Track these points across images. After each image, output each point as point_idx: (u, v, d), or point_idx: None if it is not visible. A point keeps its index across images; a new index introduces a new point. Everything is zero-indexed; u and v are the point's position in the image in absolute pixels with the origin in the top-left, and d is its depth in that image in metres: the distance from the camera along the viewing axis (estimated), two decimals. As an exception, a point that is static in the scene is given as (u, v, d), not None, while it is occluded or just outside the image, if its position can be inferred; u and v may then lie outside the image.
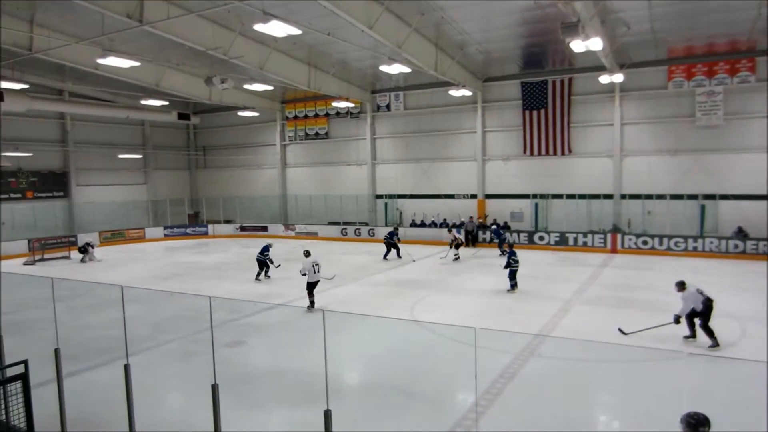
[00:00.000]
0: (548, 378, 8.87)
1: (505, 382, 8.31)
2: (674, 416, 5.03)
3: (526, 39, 20.66)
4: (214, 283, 17.04)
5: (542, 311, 12.70)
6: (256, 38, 19.32)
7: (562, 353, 10.14)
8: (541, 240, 23.83)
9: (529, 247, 23.65)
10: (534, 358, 9.49)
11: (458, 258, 20.71)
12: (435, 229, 26.38)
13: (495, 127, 26.17)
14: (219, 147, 34.78)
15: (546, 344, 10.26)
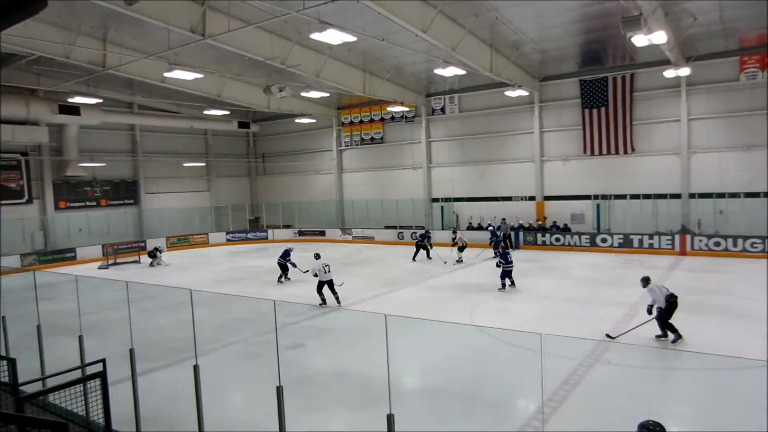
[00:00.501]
0: (615, 385, 8.57)
1: (569, 389, 8.09)
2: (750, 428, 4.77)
3: (584, 35, 20.12)
4: (274, 287, 17.45)
5: (607, 316, 12.28)
6: (312, 47, 19.70)
7: (630, 360, 9.79)
8: (603, 242, 23.09)
9: (591, 250, 22.98)
10: (599, 365, 9.20)
11: (461, 260, 20.98)
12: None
13: (553, 127, 25.59)
14: (277, 154, 35.64)
15: (611, 350, 9.92)
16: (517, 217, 26.16)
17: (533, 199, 26.33)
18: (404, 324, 10.88)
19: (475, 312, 13.16)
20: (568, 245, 23.76)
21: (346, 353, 10.46)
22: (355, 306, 14.05)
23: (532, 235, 24.81)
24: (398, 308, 13.71)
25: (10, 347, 8.67)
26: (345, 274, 17.55)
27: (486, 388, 8.51)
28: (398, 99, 26.45)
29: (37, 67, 21.21)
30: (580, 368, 8.89)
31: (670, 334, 10.14)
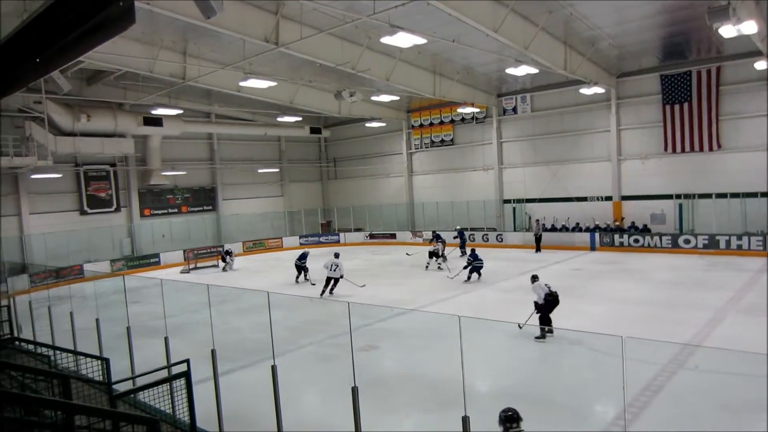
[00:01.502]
0: (700, 392, 8.13)
1: (651, 395, 7.75)
2: None
3: (665, 28, 19.19)
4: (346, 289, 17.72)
5: (690, 320, 11.67)
6: (382, 50, 19.90)
7: (716, 366, 9.23)
8: (686, 243, 21.87)
9: (673, 251, 21.82)
10: (683, 371, 8.74)
11: (441, 268, 20.26)
12: (566, 234, 25.35)
13: (631, 125, 24.53)
14: (348, 158, 36.22)
15: (696, 356, 9.41)
16: (593, 218, 25.26)
17: (610, 199, 25.32)
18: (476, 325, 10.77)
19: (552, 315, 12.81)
20: (647, 246, 22.67)
21: (418, 355, 10.48)
22: (426, 308, 14.05)
23: (609, 236, 23.87)
24: (470, 310, 13.61)
25: (103, 347, 9.32)
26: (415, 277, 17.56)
27: (562, 393, 8.29)
28: (468, 100, 26.23)
29: (123, 82, 22.70)
30: (662, 373, 8.49)
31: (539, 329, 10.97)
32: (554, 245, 24.62)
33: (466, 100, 26.05)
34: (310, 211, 34.60)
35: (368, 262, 23.95)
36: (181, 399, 6.02)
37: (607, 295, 14.72)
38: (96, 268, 22.52)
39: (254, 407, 7.86)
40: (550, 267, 20.02)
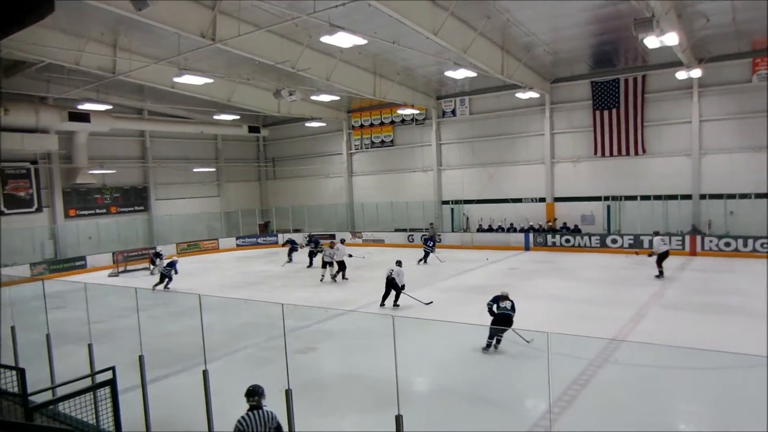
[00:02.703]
0: (624, 385, 8.51)
1: (578, 389, 8.05)
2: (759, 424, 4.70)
3: (596, 37, 20.02)
4: (285, 291, 17.48)
5: (617, 316, 12.24)
6: (323, 50, 19.75)
7: (639, 359, 9.72)
8: (614, 243, 22.95)
9: (602, 251, 22.86)
10: (609, 365, 9.14)
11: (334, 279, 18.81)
12: (503, 234, 26.02)
13: (563, 129, 25.49)
14: (287, 158, 35.76)
15: (621, 350, 9.87)
16: (527, 219, 26.07)
17: (543, 201, 26.21)
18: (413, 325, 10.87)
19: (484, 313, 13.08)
20: (578, 246, 23.63)
21: (356, 356, 10.44)
22: (365, 309, 14.04)
23: (542, 236, 24.71)
24: (410, 310, 13.69)
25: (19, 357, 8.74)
26: (356, 277, 17.55)
27: (495, 389, 8.47)
28: (408, 102, 26.45)
29: (47, 75, 21.40)
30: (589, 368, 8.83)
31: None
32: (491, 245, 25.23)
33: (406, 101, 26.26)
34: (247, 212, 33.92)
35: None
36: (106, 409, 5.72)
37: (541, 293, 15.17)
38: (14, 272, 21.09)
39: (185, 414, 7.59)
40: (487, 267, 20.49)
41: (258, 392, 5.24)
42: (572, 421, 7.12)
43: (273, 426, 5.15)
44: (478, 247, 25.40)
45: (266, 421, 5.08)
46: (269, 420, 5.12)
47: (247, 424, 5.02)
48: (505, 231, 26.30)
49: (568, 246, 23.93)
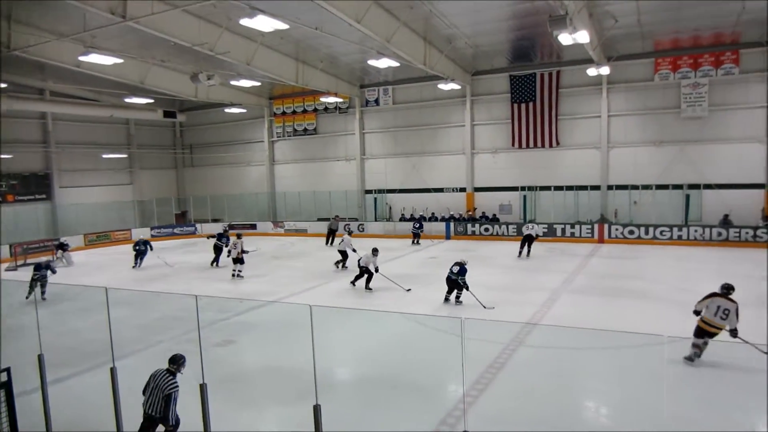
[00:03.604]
0: (537, 367, 8.90)
1: (494, 372, 8.33)
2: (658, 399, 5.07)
3: (514, 32, 20.65)
4: (203, 283, 16.91)
5: (531, 301, 12.78)
6: (243, 33, 19.14)
7: (551, 342, 10.20)
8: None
9: (518, 239, 23.65)
10: (523, 348, 9.52)
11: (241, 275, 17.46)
12: (424, 223, 26.40)
13: (484, 121, 26.19)
14: (206, 145, 34.49)
15: (534, 334, 10.32)
16: (448, 208, 26.65)
17: (464, 191, 26.88)
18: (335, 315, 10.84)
19: (404, 301, 13.28)
20: (496, 235, 24.45)
21: (276, 347, 10.26)
22: (287, 299, 13.83)
23: (462, 225, 25.33)
24: (330, 300, 13.64)
25: None
26: (277, 267, 17.25)
27: (415, 375, 8.59)
28: (332, 90, 26.20)
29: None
30: (505, 351, 9.16)
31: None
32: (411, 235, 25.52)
33: (329, 89, 26.01)
34: (163, 201, 32.37)
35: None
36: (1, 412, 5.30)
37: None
38: None
39: (93, 415, 7.15)
40: (408, 255, 20.77)
41: (175, 360, 5.83)
42: (489, 403, 7.35)
43: (164, 393, 5.58)
44: (400, 236, 25.66)
45: (160, 384, 5.62)
46: (164, 385, 5.61)
47: (152, 376, 5.71)
48: (427, 220, 26.73)
49: (487, 235, 24.69)
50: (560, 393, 7.81)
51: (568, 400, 7.61)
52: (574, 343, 9.89)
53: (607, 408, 7.52)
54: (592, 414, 7.44)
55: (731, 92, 21.51)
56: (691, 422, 6.58)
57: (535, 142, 24.83)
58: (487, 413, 7.09)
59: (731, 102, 21.53)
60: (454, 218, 26.04)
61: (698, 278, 14.81)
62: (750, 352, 7.81)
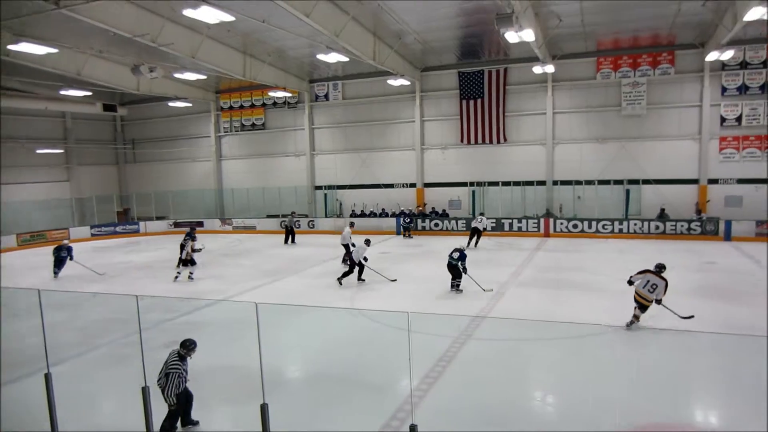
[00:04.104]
0: (485, 359, 9.03)
1: (444, 366, 8.39)
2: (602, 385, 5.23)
3: (463, 29, 20.86)
4: (148, 283, 16.34)
5: (480, 295, 12.94)
6: (188, 25, 18.57)
7: (499, 334, 10.38)
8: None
9: (467, 234, 24.04)
10: (472, 341, 9.63)
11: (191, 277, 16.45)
12: (375, 219, 26.45)
13: (433, 117, 26.39)
14: (149, 140, 33.34)
15: (483, 327, 10.46)
16: (398, 204, 26.74)
17: (414, 186, 27.03)
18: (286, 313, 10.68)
19: (356, 297, 13.24)
20: (446, 230, 24.74)
21: (225, 347, 10.01)
22: (235, 298, 13.53)
23: (413, 220, 25.46)
24: (280, 298, 13.43)
25: None
26: (225, 265, 16.87)
27: (366, 371, 8.57)
28: (280, 84, 25.79)
29: None
30: (454, 345, 9.25)
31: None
32: (363, 230, 25.48)
33: (277, 83, 25.59)
34: (103, 198, 31.00)
35: (173, 253, 22.30)
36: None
37: (412, 276, 15.63)
38: None
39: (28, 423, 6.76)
40: (359, 251, 20.66)
41: (185, 344, 6.52)
42: (439, 396, 7.40)
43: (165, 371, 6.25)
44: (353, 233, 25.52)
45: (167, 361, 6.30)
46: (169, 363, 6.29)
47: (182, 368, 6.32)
48: (378, 216, 26.76)
49: (437, 230, 24.94)
50: (508, 384, 7.95)
51: (516, 391, 7.75)
52: (520, 335, 10.11)
53: (553, 397, 7.70)
54: (538, 404, 7.60)
55: (668, 91, 22.49)
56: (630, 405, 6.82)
57: (484, 139, 25.22)
58: (436, 406, 7.13)
59: (668, 101, 22.51)
60: (405, 214, 26.13)
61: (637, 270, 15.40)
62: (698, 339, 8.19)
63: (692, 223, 21.42)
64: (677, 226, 21.48)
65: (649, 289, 9.65)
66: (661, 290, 9.57)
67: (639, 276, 9.91)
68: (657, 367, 8.23)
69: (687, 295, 12.04)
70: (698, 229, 21.23)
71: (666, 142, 22.71)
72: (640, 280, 9.85)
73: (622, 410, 6.60)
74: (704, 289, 12.93)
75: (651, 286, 9.65)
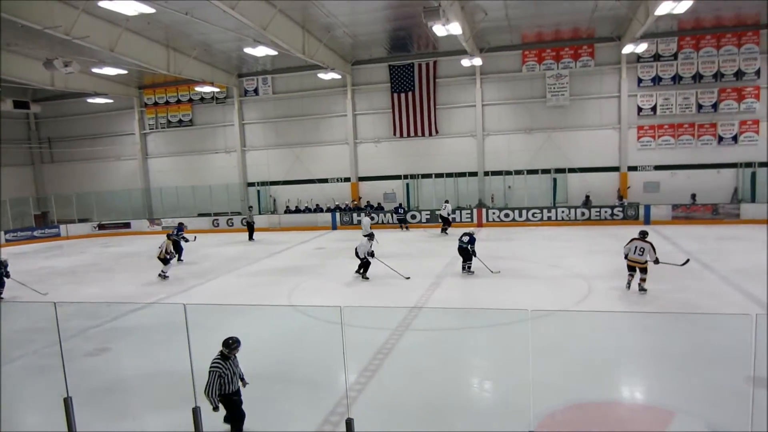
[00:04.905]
0: (423, 349, 9.16)
1: (382, 358, 8.45)
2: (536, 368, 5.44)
3: (392, 22, 20.96)
4: (72, 288, 15.51)
5: (417, 286, 13.11)
6: (105, 17, 17.64)
7: (435, 324, 10.55)
8: (413, 219, 24.61)
9: (398, 227, 24.36)
10: (409, 332, 9.74)
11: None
12: (310, 215, 26.26)
13: (365, 110, 26.42)
14: (68, 138, 31.56)
15: (420, 317, 10.59)
16: (333, 198, 26.65)
17: (348, 181, 27.01)
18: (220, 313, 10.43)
19: (293, 294, 13.11)
20: (381, 223, 24.86)
21: (156, 351, 9.67)
22: (166, 300, 13.08)
23: (348, 215, 25.48)
24: (213, 298, 13.10)
25: None
26: (155, 267, 16.25)
27: (305, 367, 8.50)
28: (207, 79, 25.04)
29: None
30: (392, 336, 9.33)
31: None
32: (299, 226, 25.31)
33: (204, 78, 24.83)
34: (18, 201, 29.07)
35: (98, 256, 21.37)
36: None
37: (349, 270, 15.58)
38: None
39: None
40: (295, 248, 20.52)
41: (227, 343, 6.06)
42: (377, 388, 7.44)
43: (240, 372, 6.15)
44: (286, 229, 25.31)
45: (233, 366, 6.01)
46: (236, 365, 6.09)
47: (224, 367, 5.86)
48: (313, 211, 26.58)
49: (372, 223, 24.94)
50: (446, 373, 8.09)
51: (454, 379, 7.90)
52: (457, 324, 10.33)
53: (490, 383, 7.90)
54: (476, 390, 7.78)
55: (589, 83, 23.52)
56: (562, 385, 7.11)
57: (416, 131, 25.51)
58: (375, 398, 7.17)
59: (589, 92, 23.55)
60: (340, 208, 26.12)
61: (565, 255, 16.12)
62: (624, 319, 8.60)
63: (615, 209, 22.56)
64: (601, 212, 22.58)
65: (638, 252, 11.26)
66: (649, 251, 11.18)
67: (628, 245, 11.54)
68: (587, 347, 8.60)
69: (612, 278, 12.67)
70: (620, 214, 22.39)
71: (589, 132, 23.77)
72: (628, 247, 11.50)
73: (554, 391, 6.85)
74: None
75: (639, 249, 11.27)
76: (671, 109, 22.77)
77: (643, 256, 11.20)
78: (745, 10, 20.54)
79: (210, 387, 5.76)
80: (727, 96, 22.15)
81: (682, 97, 22.57)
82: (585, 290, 12.02)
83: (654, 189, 23.37)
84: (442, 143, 25.56)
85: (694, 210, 21.63)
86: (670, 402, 6.58)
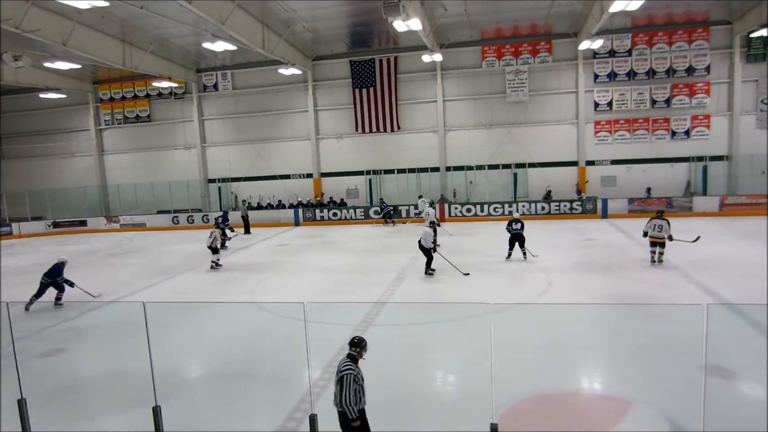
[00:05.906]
0: (386, 344, 9.24)
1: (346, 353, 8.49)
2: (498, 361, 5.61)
3: (352, 18, 20.96)
4: (24, 289, 15.03)
5: (380, 281, 13.21)
6: (56, 10, 17.16)
7: (400, 319, 10.66)
8: (376, 214, 24.72)
9: (366, 222, 24.46)
10: (373, 327, 9.84)
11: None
12: (272, 211, 26.09)
13: (327, 106, 26.36)
14: (19, 134, 30.49)
15: (383, 313, 10.69)
16: (296, 195, 26.54)
17: (311, 177, 26.93)
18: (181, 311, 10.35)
19: (255, 291, 13.05)
20: (345, 219, 24.92)
21: (115, 351, 9.52)
22: (125, 299, 12.86)
23: (311, 211, 25.42)
24: (174, 296, 12.93)
25: None
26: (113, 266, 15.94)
27: (268, 364, 8.51)
28: (165, 74, 24.56)
29: None
30: (356, 332, 9.40)
31: None
32: (261, 223, 25.10)
33: (162, 73, 24.35)
34: (-33, 199, 28.10)
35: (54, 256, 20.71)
36: None
37: (312, 267, 15.62)
38: None
39: None
40: (258, 244, 20.39)
41: (354, 342, 5.50)
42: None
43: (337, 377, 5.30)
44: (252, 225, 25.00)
45: (339, 369, 5.33)
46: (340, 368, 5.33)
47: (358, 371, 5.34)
48: (275, 208, 26.41)
49: (336, 219, 25.05)
50: (410, 367, 8.20)
51: (417, 373, 8.02)
52: (420, 318, 10.47)
53: (452, 376, 8.05)
54: (439, 384, 7.92)
55: (547, 79, 24.03)
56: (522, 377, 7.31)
57: (378, 127, 25.61)
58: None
59: (548, 87, 24.06)
60: (303, 204, 26.03)
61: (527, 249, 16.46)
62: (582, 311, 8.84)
63: (574, 203, 23.14)
64: (561, 206, 23.13)
65: (657, 230, 12.80)
66: (666, 228, 12.72)
67: (648, 224, 13.06)
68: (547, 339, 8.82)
69: (572, 271, 13.06)
70: (579, 208, 22.99)
71: (548, 127, 24.30)
72: (649, 225, 13.01)
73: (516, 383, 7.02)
74: (587, 264, 14.01)
75: (657, 227, 12.80)
76: (626, 104, 23.48)
77: (662, 232, 12.78)
78: (694, 8, 21.33)
79: (348, 395, 5.04)
80: (679, 91, 22.97)
81: (637, 93, 23.31)
82: (545, 283, 12.33)
83: (611, 183, 24.08)
84: (404, 139, 25.73)
85: (649, 203, 22.37)
86: (627, 391, 6.78)
